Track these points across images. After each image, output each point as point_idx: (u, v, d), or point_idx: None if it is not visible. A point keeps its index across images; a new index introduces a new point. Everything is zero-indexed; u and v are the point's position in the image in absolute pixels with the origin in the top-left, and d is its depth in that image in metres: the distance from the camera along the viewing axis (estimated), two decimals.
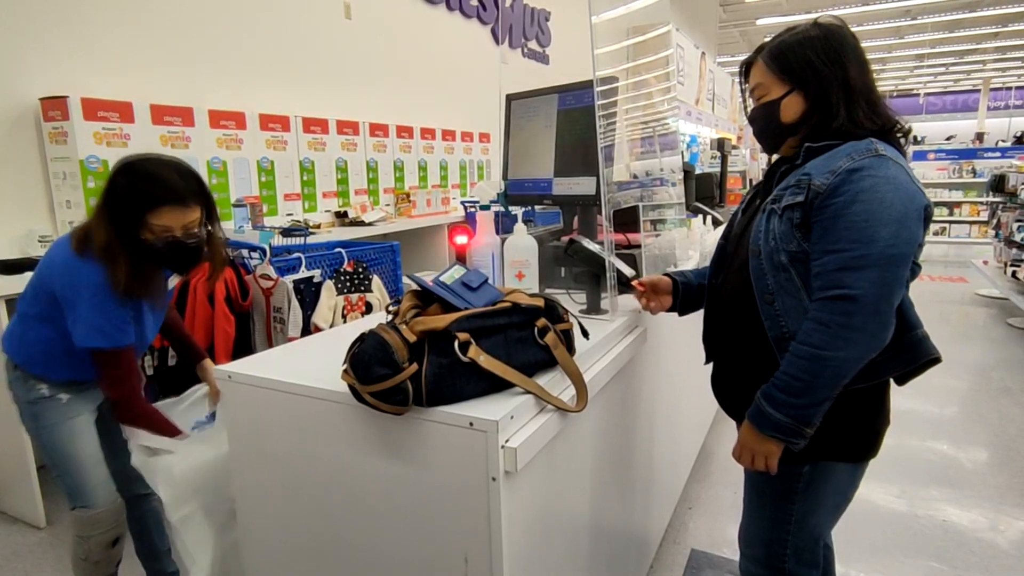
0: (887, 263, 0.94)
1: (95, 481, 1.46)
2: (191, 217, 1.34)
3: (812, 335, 0.98)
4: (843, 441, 1.11)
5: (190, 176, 1.35)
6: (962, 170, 8.62)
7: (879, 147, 1.00)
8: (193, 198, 1.34)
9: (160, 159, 1.35)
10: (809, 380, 0.98)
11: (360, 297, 2.48)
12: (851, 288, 0.94)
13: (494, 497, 0.86)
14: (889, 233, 0.94)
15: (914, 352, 1.08)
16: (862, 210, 0.95)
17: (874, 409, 1.13)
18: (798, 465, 1.12)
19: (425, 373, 0.86)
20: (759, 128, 1.17)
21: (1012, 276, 5.28)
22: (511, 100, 1.76)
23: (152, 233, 1.30)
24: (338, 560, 1.05)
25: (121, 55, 2.76)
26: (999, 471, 2.61)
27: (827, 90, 1.05)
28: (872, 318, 0.95)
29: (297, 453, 1.04)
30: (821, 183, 1.00)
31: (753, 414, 1.07)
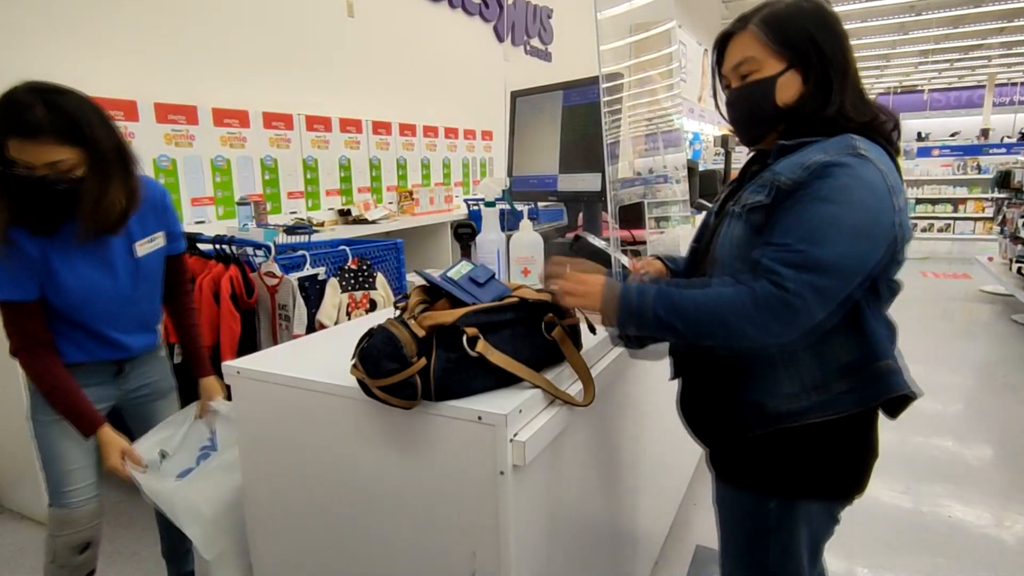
0: (829, 271, 0.83)
1: (73, 483, 1.40)
2: (52, 155, 1.17)
3: (729, 290, 0.86)
4: (817, 477, 0.99)
5: (60, 109, 1.17)
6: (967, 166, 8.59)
7: (860, 145, 0.88)
8: (49, 135, 1.15)
9: (37, 86, 1.20)
10: (691, 313, 0.87)
11: (364, 294, 2.49)
12: (784, 281, 0.82)
13: (502, 491, 0.86)
14: (842, 241, 0.83)
15: (877, 386, 0.93)
16: (824, 211, 0.84)
17: (854, 443, 0.99)
18: (764, 500, 1.01)
19: (434, 367, 0.87)
20: (744, 112, 0.99)
21: (1017, 272, 5.26)
22: (516, 97, 1.76)
23: (19, 167, 1.17)
24: (347, 553, 1.05)
25: (125, 53, 2.77)
26: (1004, 468, 2.61)
27: (828, 72, 0.91)
28: (792, 319, 0.83)
29: (306, 447, 1.04)
30: (789, 179, 0.88)
31: (630, 285, 0.93)
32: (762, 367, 0.95)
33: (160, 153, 2.78)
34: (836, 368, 0.93)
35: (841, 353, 0.93)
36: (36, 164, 1.17)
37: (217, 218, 3.10)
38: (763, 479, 1.01)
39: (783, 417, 0.94)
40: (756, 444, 0.98)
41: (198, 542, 1.29)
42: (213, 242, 2.19)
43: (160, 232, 1.42)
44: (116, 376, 1.45)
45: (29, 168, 1.17)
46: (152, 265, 1.42)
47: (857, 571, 1.94)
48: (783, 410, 0.94)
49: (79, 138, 1.19)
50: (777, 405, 0.95)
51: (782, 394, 0.94)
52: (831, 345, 0.93)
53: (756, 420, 0.97)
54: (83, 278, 1.30)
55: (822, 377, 0.93)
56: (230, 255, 2.20)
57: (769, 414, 0.95)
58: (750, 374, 0.96)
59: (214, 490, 1.33)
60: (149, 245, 1.39)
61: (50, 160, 1.17)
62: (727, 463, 1.07)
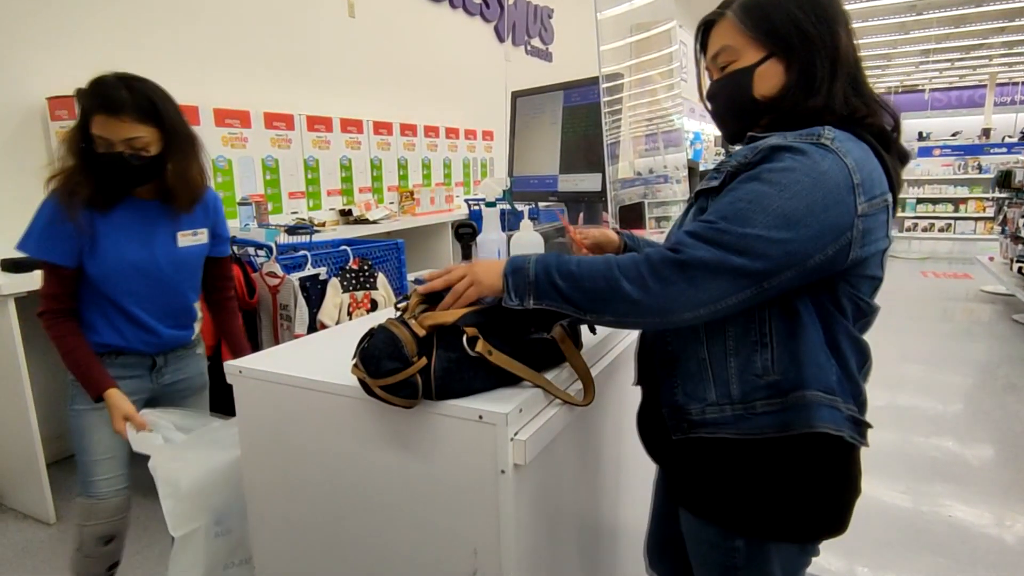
0: (740, 251, 0.74)
1: (102, 474, 1.46)
2: (131, 132, 1.30)
3: (624, 259, 0.80)
4: (786, 516, 0.87)
5: (139, 92, 1.32)
6: (968, 166, 8.59)
7: (828, 134, 0.78)
8: (132, 112, 1.29)
9: (121, 73, 1.34)
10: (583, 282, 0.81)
11: (365, 294, 2.50)
12: (684, 248, 0.76)
13: (503, 490, 0.86)
14: (765, 223, 0.74)
15: (795, 416, 0.82)
16: (754, 189, 0.76)
17: (829, 477, 0.87)
18: (729, 538, 0.91)
19: (434, 367, 0.87)
20: (722, 105, 0.92)
21: (1018, 272, 5.26)
22: (517, 97, 1.76)
23: (98, 145, 1.31)
24: (348, 552, 1.06)
25: (126, 54, 2.77)
26: (1004, 468, 2.61)
27: (813, 59, 0.82)
28: (686, 289, 0.75)
29: (307, 446, 1.05)
30: (737, 162, 0.82)
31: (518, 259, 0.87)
32: (691, 369, 0.89)
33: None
34: (762, 385, 0.84)
35: (769, 369, 0.83)
36: (115, 140, 1.30)
37: None
38: (724, 512, 0.91)
39: (697, 425, 0.88)
40: (718, 471, 0.89)
41: (168, 516, 1.23)
42: None
43: (204, 229, 1.50)
44: (151, 370, 1.50)
45: (109, 144, 1.30)
46: (191, 259, 1.50)
47: (857, 571, 1.94)
48: (700, 418, 0.88)
49: (156, 117, 1.32)
50: (695, 411, 0.88)
51: (703, 400, 0.87)
52: (762, 358, 0.84)
53: (673, 423, 0.91)
54: (120, 248, 1.38)
55: (746, 391, 0.85)
56: (232, 255, 2.21)
57: (686, 419, 0.89)
58: (677, 374, 0.90)
59: (197, 465, 1.27)
60: (192, 238, 1.47)
61: (128, 136, 1.30)
62: (686, 490, 0.96)
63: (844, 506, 0.89)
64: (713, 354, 0.87)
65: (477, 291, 0.90)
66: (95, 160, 1.32)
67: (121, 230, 1.39)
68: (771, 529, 0.88)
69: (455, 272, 0.92)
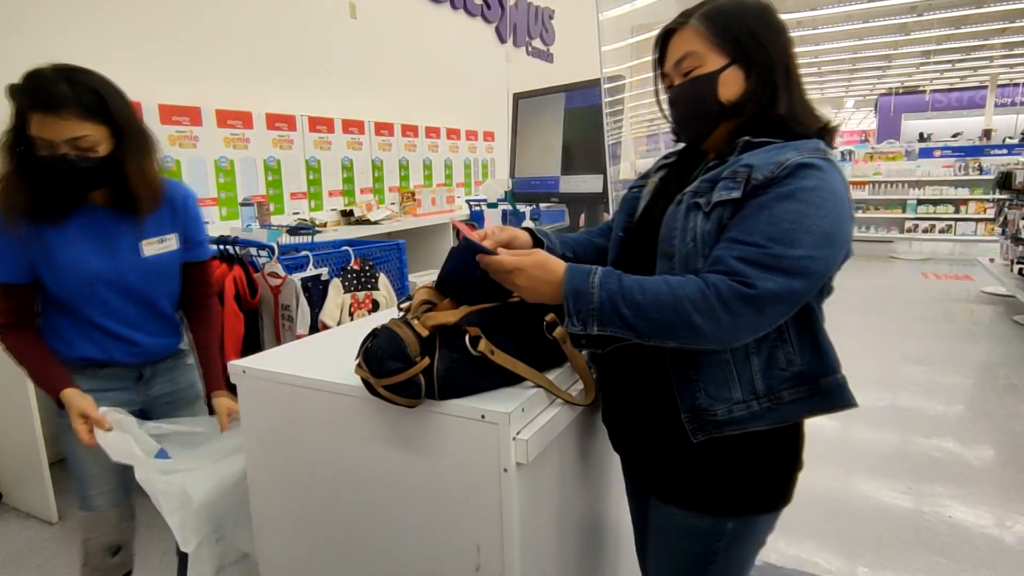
0: (799, 274, 0.80)
1: (97, 487, 1.38)
2: (75, 131, 1.15)
3: (690, 288, 0.82)
4: (766, 491, 0.96)
5: (83, 85, 1.16)
6: (968, 167, 8.58)
7: (827, 151, 0.88)
8: (74, 108, 1.14)
9: (61, 65, 1.18)
10: (650, 312, 0.82)
11: (367, 295, 2.50)
12: (753, 281, 0.79)
13: (506, 488, 0.87)
14: (811, 243, 0.80)
15: (831, 398, 0.91)
16: (795, 209, 0.81)
17: (792, 451, 0.97)
18: (722, 520, 0.96)
19: (437, 367, 0.88)
20: (685, 110, 0.95)
21: (1019, 273, 5.26)
22: (518, 99, 1.77)
23: (38, 148, 1.16)
24: (352, 552, 1.06)
25: (128, 55, 2.78)
26: (1005, 468, 2.61)
27: (772, 70, 0.89)
28: (755, 320, 0.80)
29: (311, 446, 1.06)
30: (762, 176, 0.84)
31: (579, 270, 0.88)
32: (713, 371, 0.90)
33: (164, 154, 2.79)
34: (787, 377, 0.89)
35: (794, 361, 0.89)
36: (57, 140, 1.15)
37: (221, 219, 3.12)
38: (715, 500, 0.95)
39: (724, 424, 0.89)
40: (702, 460, 0.93)
41: (177, 532, 1.21)
42: (217, 243, 2.20)
43: (173, 234, 1.37)
44: (138, 381, 1.41)
45: (51, 146, 1.15)
46: (161, 266, 1.37)
47: (858, 570, 1.95)
48: (726, 417, 0.89)
49: (103, 113, 1.18)
50: (722, 411, 0.89)
51: (729, 400, 0.89)
52: (784, 351, 0.89)
53: (698, 427, 0.91)
54: (79, 260, 1.26)
55: (771, 384, 0.89)
56: (234, 255, 2.22)
57: (711, 420, 0.90)
58: (698, 379, 0.90)
59: (205, 478, 1.25)
60: (159, 246, 1.35)
61: (73, 136, 1.15)
62: (670, 483, 0.99)
63: (797, 472, 0.99)
64: (735, 354, 0.89)
65: (521, 296, 0.92)
66: (35, 164, 1.16)
67: (78, 240, 1.26)
68: (761, 503, 0.96)
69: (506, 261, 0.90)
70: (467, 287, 0.97)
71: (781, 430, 0.92)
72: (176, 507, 1.21)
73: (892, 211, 8.76)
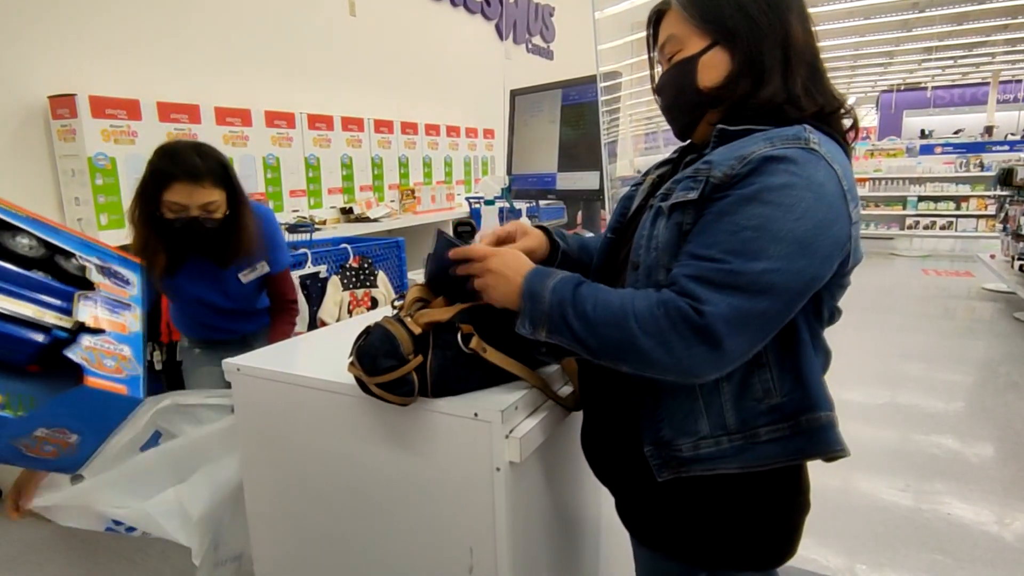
0: (761, 292, 0.67)
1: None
2: (207, 197, 1.37)
3: (640, 304, 0.71)
4: (751, 545, 0.83)
5: (211, 158, 1.40)
6: (969, 164, 8.55)
7: (813, 138, 0.72)
8: (208, 178, 1.37)
9: (188, 142, 1.43)
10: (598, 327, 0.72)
11: (365, 292, 2.50)
12: (702, 303, 0.68)
13: (498, 487, 0.87)
14: (781, 254, 0.67)
15: (812, 441, 0.76)
16: (759, 214, 0.68)
17: (788, 498, 0.83)
18: (693, 571, 0.85)
19: (430, 365, 0.88)
20: (669, 97, 0.85)
21: (1019, 270, 5.25)
22: (515, 96, 1.77)
23: (170, 211, 1.37)
24: (346, 548, 1.06)
25: (128, 53, 2.78)
26: (1005, 466, 2.61)
27: (761, 46, 0.77)
28: (710, 351, 0.68)
29: (304, 444, 1.06)
30: (721, 172, 0.72)
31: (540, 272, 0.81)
32: (677, 399, 0.78)
33: None
34: (763, 410, 0.76)
35: (772, 391, 0.76)
36: (191, 205, 1.37)
37: None
38: (685, 546, 0.84)
39: (691, 462, 0.78)
40: (676, 500, 0.82)
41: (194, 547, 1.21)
42: None
43: (263, 261, 1.59)
44: (241, 344, 1.68)
45: (183, 210, 1.37)
46: (252, 285, 1.62)
47: (856, 568, 1.95)
48: (691, 454, 0.78)
49: (227, 181, 1.42)
50: (687, 446, 0.78)
51: (695, 434, 0.77)
52: (760, 378, 0.76)
53: (661, 462, 0.79)
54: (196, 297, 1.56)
55: (744, 418, 0.76)
56: None
57: (675, 456, 0.78)
58: (661, 406, 0.79)
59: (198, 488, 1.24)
60: (252, 274, 1.58)
61: (206, 201, 1.38)
62: (640, 519, 0.89)
63: (800, 525, 0.86)
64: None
65: (489, 299, 0.85)
66: (166, 226, 1.38)
67: (193, 283, 1.53)
68: (737, 559, 0.83)
69: (472, 267, 0.87)
70: (448, 287, 0.96)
71: (769, 474, 0.77)
72: (180, 525, 1.20)
73: (893, 208, 8.73)
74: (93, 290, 1.04)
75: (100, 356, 0.95)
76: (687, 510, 0.82)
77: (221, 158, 1.43)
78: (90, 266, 1.08)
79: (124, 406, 0.94)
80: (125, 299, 1.11)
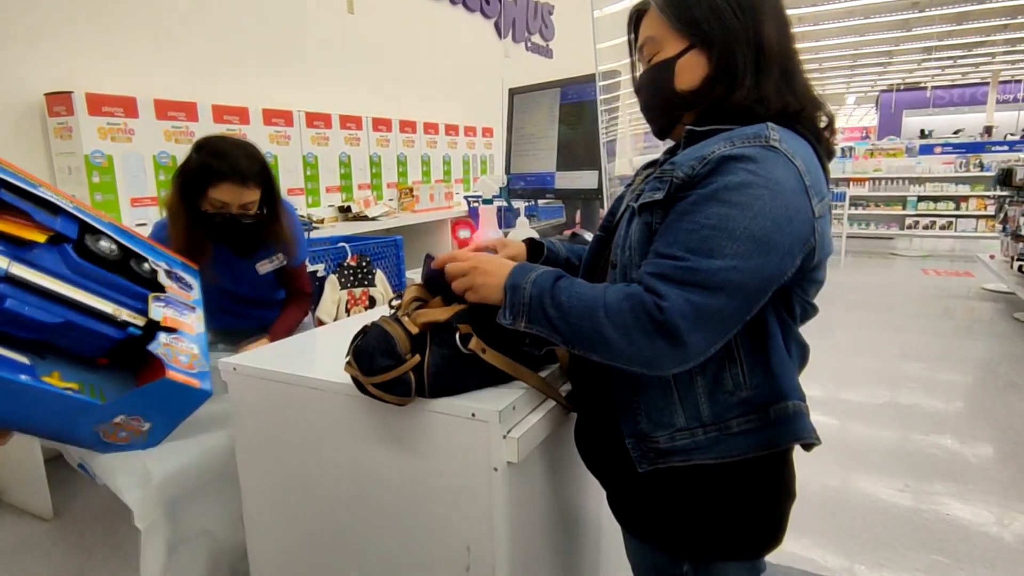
0: (715, 289, 0.69)
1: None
2: (249, 197, 1.44)
3: (611, 296, 0.74)
4: (734, 535, 0.84)
5: (255, 159, 1.47)
6: (969, 164, 8.55)
7: (774, 135, 0.74)
8: (253, 179, 1.44)
9: (233, 140, 1.50)
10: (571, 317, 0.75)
11: (363, 291, 2.49)
12: (662, 299, 0.70)
13: (496, 487, 0.86)
14: (737, 252, 0.69)
15: (780, 431, 0.79)
16: (716, 213, 0.71)
17: (771, 488, 0.85)
18: (678, 563, 0.86)
19: (427, 364, 0.87)
20: (647, 98, 0.87)
21: (1019, 271, 5.25)
22: (514, 94, 1.76)
23: (211, 206, 1.43)
24: (344, 549, 1.06)
25: (125, 50, 2.77)
26: (1004, 466, 2.60)
27: (733, 49, 0.79)
28: (671, 346, 0.70)
29: (301, 444, 1.05)
30: (684, 173, 0.75)
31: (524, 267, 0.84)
32: (654, 392, 0.81)
33: (160, 150, 2.78)
34: (735, 403, 0.79)
35: (742, 384, 0.79)
36: (233, 204, 1.44)
37: None
38: (671, 536, 0.86)
39: (667, 454, 0.81)
40: (663, 491, 0.85)
41: (137, 508, 1.21)
42: None
43: (280, 254, 1.64)
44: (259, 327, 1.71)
45: (224, 207, 1.44)
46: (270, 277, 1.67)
47: (855, 568, 1.94)
48: (668, 446, 0.81)
49: (267, 182, 1.50)
50: (663, 438, 0.81)
51: (671, 426, 0.80)
52: (732, 372, 0.79)
53: (641, 454, 0.83)
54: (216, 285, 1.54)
55: (718, 411, 0.79)
56: None
57: (653, 448, 0.81)
58: (639, 400, 0.83)
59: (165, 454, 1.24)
60: (269, 265, 1.63)
61: (247, 200, 1.45)
62: (628, 510, 0.92)
63: (785, 515, 0.88)
64: (678, 375, 0.79)
65: (476, 297, 0.87)
66: (206, 221, 1.45)
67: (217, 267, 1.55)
68: (722, 549, 0.85)
69: (458, 265, 0.89)
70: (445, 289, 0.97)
71: (750, 463, 0.80)
72: (136, 483, 1.22)
73: (893, 208, 8.74)
74: (164, 292, 1.13)
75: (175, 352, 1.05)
76: (672, 501, 0.85)
77: (263, 159, 1.51)
78: (160, 270, 1.18)
79: (196, 398, 1.01)
80: (189, 302, 1.20)
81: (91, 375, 1.07)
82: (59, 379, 0.98)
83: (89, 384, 1.05)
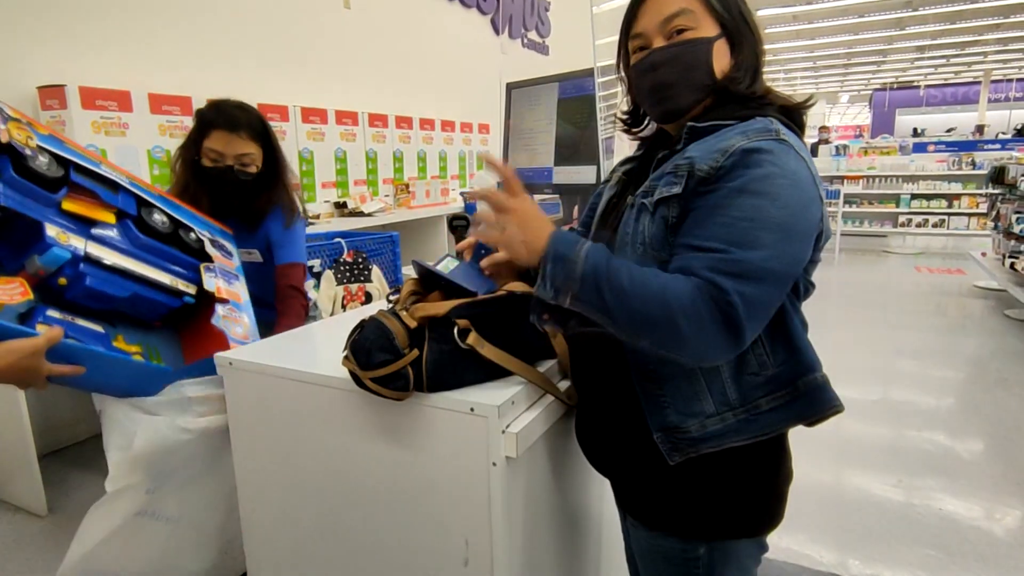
0: (762, 279, 0.71)
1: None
2: (243, 148, 1.44)
3: (679, 287, 0.72)
4: (744, 514, 0.87)
5: (252, 113, 1.49)
6: (961, 162, 8.60)
7: (781, 130, 0.78)
8: (244, 128, 1.44)
9: (235, 100, 1.52)
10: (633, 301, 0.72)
11: (360, 287, 2.49)
12: (728, 294, 0.70)
13: (495, 482, 0.86)
14: (772, 242, 0.72)
15: (811, 401, 0.82)
16: (750, 205, 0.73)
17: (774, 468, 0.88)
18: (692, 546, 0.88)
19: (425, 359, 0.87)
20: (673, 75, 0.83)
21: (1010, 268, 5.29)
22: (511, 89, 1.75)
23: (208, 159, 1.44)
24: (340, 545, 1.05)
25: (119, 43, 2.74)
26: (995, 461, 2.63)
27: (754, 46, 0.84)
28: (736, 337, 0.71)
29: (299, 438, 1.05)
30: (706, 166, 0.76)
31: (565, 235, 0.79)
32: (679, 383, 0.82)
33: (154, 144, 2.76)
34: (760, 382, 0.81)
35: (767, 363, 0.81)
36: (228, 155, 1.44)
37: None
38: (685, 522, 0.87)
39: (700, 442, 0.81)
40: (671, 478, 0.85)
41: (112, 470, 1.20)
42: None
43: (256, 250, 1.60)
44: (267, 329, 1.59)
45: (220, 158, 1.44)
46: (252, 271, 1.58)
47: (848, 563, 1.96)
48: (700, 433, 0.81)
49: (265, 137, 1.50)
50: (695, 427, 0.81)
51: (701, 414, 0.81)
52: (755, 354, 0.81)
53: (672, 447, 0.82)
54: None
55: (744, 392, 0.81)
56: None
57: (684, 439, 0.82)
58: (664, 392, 0.83)
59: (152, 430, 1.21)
60: (247, 256, 1.58)
61: (241, 152, 1.45)
62: (639, 502, 0.92)
63: (786, 493, 0.91)
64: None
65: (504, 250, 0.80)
66: (204, 173, 1.45)
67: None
68: (735, 527, 0.87)
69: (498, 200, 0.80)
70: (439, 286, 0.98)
71: (753, 447, 0.83)
72: (121, 445, 1.21)
73: (886, 205, 8.78)
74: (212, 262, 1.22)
75: (231, 323, 1.17)
76: (686, 487, 0.86)
77: (262, 117, 1.52)
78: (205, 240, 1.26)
79: None
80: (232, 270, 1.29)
81: (148, 336, 1.20)
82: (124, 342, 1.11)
83: (147, 345, 1.18)
